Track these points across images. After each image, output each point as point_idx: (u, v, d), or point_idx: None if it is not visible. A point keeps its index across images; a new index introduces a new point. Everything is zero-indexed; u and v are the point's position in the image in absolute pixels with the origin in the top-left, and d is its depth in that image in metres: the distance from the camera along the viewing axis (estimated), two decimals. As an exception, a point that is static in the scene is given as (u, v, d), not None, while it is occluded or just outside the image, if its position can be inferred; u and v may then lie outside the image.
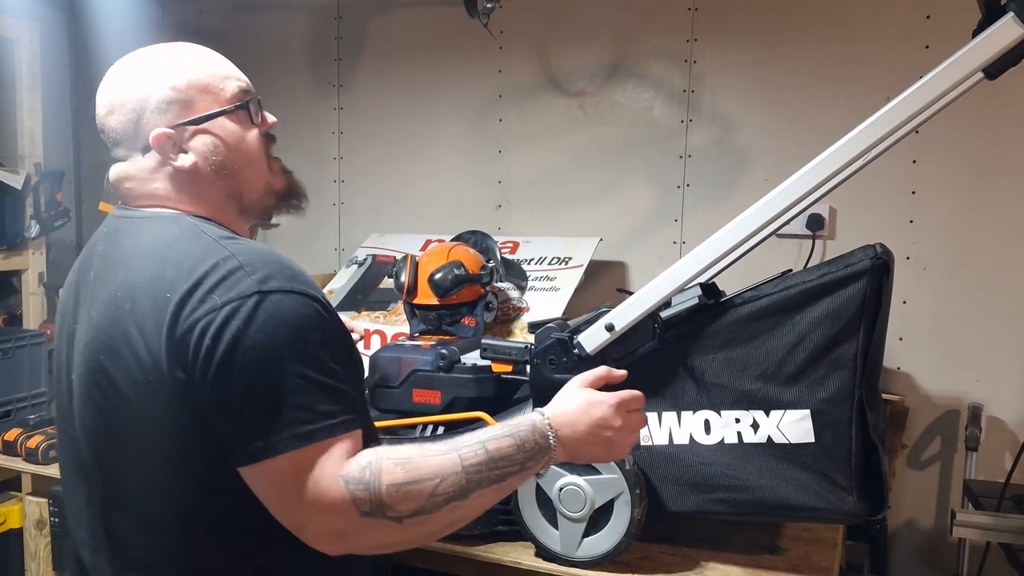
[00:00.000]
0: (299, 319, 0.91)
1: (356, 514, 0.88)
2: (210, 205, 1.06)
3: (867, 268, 1.28)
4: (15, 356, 2.41)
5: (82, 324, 1.01)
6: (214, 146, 1.04)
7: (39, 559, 2.01)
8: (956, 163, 2.11)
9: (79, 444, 1.02)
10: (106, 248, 1.04)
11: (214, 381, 0.89)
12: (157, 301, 0.91)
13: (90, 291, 1.01)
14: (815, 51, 2.21)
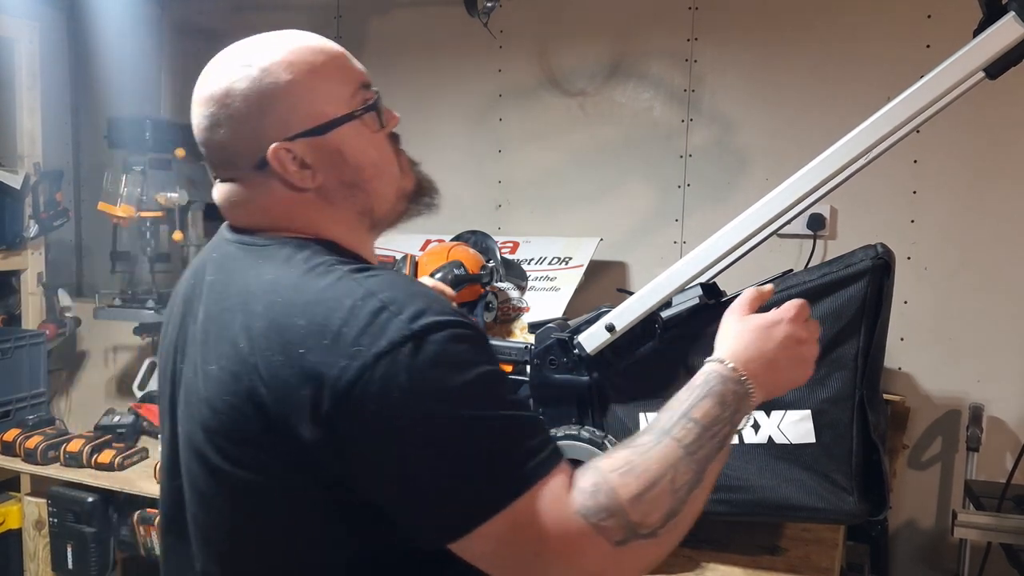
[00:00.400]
0: (465, 354, 0.76)
1: (609, 546, 0.73)
2: (338, 226, 0.89)
3: (868, 268, 1.28)
4: (14, 356, 2.40)
5: (193, 370, 0.86)
6: (342, 158, 0.88)
7: (38, 559, 2.01)
8: (957, 163, 2.10)
9: (181, 505, 0.90)
10: (217, 279, 0.88)
11: (381, 451, 0.73)
12: (289, 356, 0.75)
13: (200, 331, 0.87)
14: (816, 50, 2.21)
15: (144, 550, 1.87)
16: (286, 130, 0.85)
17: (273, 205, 0.88)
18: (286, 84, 0.86)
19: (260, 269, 0.84)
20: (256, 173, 0.87)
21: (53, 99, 2.92)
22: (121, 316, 2.48)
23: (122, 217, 2.34)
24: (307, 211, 0.88)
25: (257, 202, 0.88)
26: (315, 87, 0.87)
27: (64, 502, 1.93)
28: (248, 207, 0.89)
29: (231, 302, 0.83)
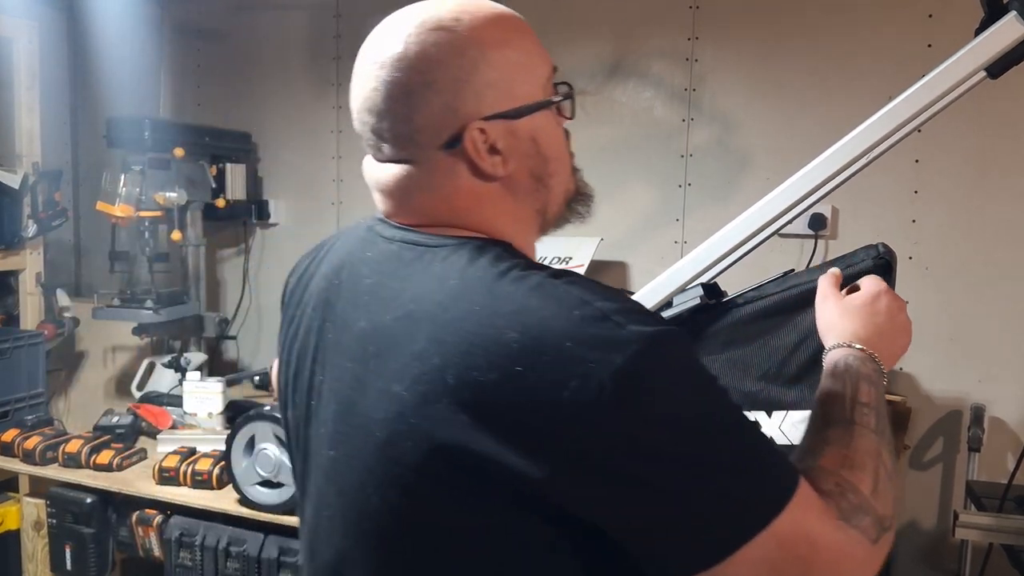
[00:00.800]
0: (698, 363, 0.68)
1: (869, 546, 0.69)
2: (515, 225, 0.80)
3: (869, 268, 1.27)
4: (12, 356, 2.40)
5: (351, 386, 0.75)
6: (535, 147, 0.78)
7: (36, 560, 2.01)
8: (959, 163, 2.10)
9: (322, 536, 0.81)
10: (378, 283, 0.77)
11: (629, 474, 0.64)
12: (502, 375, 0.64)
13: (358, 340, 0.75)
14: (817, 50, 2.20)
15: (143, 551, 1.87)
16: (482, 108, 0.74)
17: (454, 193, 0.76)
18: (491, 56, 0.75)
19: (439, 273, 0.73)
20: (441, 154, 0.75)
21: (52, 99, 2.92)
22: (120, 316, 2.48)
23: (121, 217, 2.33)
24: (489, 204, 0.77)
25: (438, 189, 0.76)
26: (518, 63, 0.77)
27: (63, 503, 1.92)
28: (425, 195, 0.77)
29: (404, 310, 0.72)
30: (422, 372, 0.68)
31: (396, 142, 0.76)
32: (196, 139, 2.59)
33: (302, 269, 0.92)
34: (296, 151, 2.89)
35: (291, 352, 0.86)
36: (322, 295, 0.83)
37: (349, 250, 0.84)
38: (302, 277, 0.90)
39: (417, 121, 0.74)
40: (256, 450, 1.68)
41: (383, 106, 0.75)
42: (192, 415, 2.10)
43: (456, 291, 0.70)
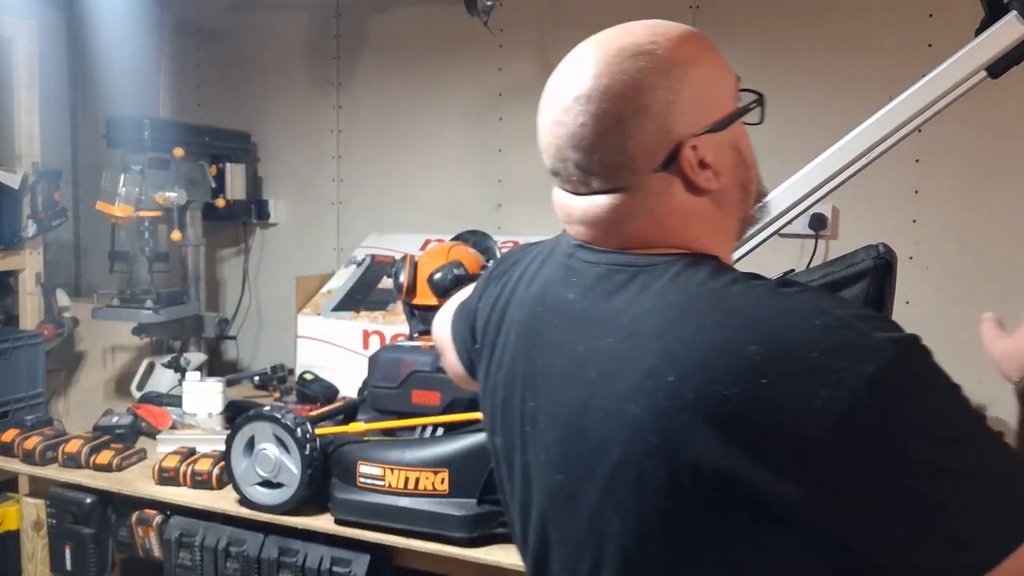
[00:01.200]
0: (938, 367, 0.69)
1: None
2: (721, 237, 0.80)
3: (869, 268, 1.27)
4: (12, 356, 2.40)
5: (570, 410, 0.76)
6: (740, 157, 0.80)
7: (36, 560, 2.00)
8: (959, 163, 2.10)
9: None
10: (593, 306, 0.77)
11: (893, 488, 0.62)
12: (745, 388, 0.64)
13: (578, 365, 0.76)
14: (817, 50, 2.20)
15: (142, 551, 1.87)
16: (691, 124, 0.75)
17: (671, 214, 0.76)
18: (691, 73, 0.76)
19: (658, 291, 0.72)
20: (655, 176, 0.75)
21: (52, 98, 2.92)
22: (119, 316, 2.48)
23: (120, 217, 2.33)
24: (699, 220, 0.77)
25: (653, 212, 0.76)
26: (714, 77, 0.78)
27: (62, 503, 1.92)
28: (641, 220, 0.77)
29: (627, 331, 0.72)
30: (656, 389, 0.68)
31: (608, 173, 0.76)
32: (196, 139, 2.59)
33: (494, 297, 0.92)
34: (296, 151, 2.89)
35: (497, 379, 0.87)
36: (526, 322, 0.84)
37: (548, 278, 0.84)
38: (496, 303, 0.91)
39: (631, 148, 0.74)
40: (256, 450, 1.68)
41: (594, 140, 0.75)
42: (192, 415, 2.10)
43: (682, 307, 0.70)
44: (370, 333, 2.30)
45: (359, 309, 2.40)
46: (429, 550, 1.47)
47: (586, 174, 0.77)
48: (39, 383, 2.49)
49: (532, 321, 0.83)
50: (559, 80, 0.79)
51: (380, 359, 1.74)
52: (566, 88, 0.77)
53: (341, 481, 1.61)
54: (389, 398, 1.67)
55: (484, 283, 0.98)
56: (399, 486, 1.54)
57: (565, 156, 0.77)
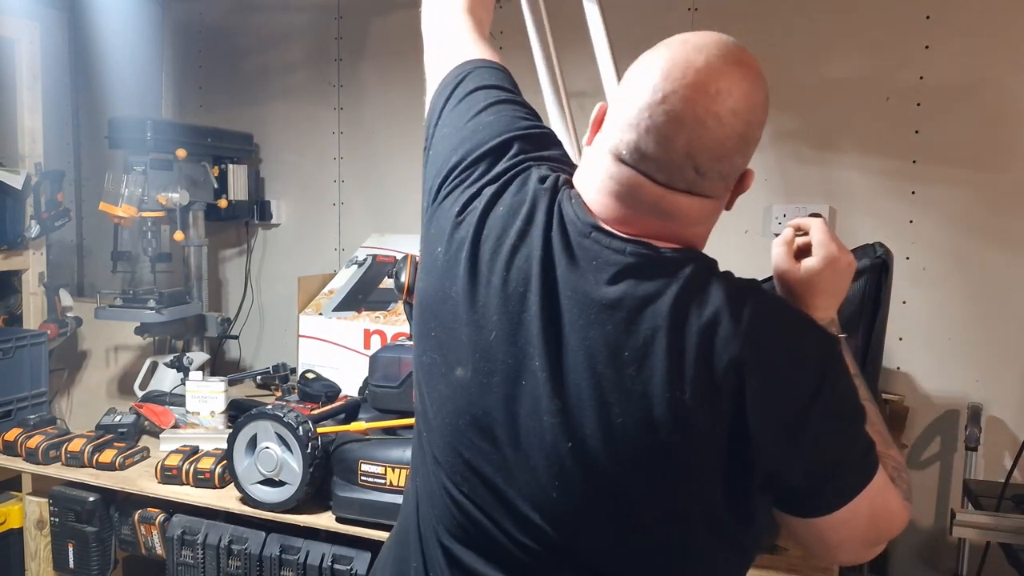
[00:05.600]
0: None
1: (906, 505, 0.89)
2: None
3: (866, 267, 1.28)
4: (15, 356, 2.41)
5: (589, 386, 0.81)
6: (744, 186, 0.91)
7: (39, 559, 2.01)
8: (956, 163, 2.10)
9: None
10: (627, 293, 0.82)
11: None
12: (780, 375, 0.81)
13: (604, 348, 0.81)
14: (815, 51, 2.21)
15: (145, 549, 1.88)
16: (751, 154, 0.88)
17: (712, 221, 0.89)
18: (767, 106, 0.87)
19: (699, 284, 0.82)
20: (725, 193, 0.88)
21: (54, 99, 2.93)
22: (122, 316, 2.49)
23: (123, 217, 2.34)
24: (711, 225, 0.90)
25: (712, 218, 0.88)
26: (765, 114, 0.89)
27: (65, 501, 1.93)
28: (706, 226, 0.88)
29: (663, 319, 0.80)
30: (697, 376, 0.78)
31: (716, 180, 0.85)
32: (198, 140, 2.61)
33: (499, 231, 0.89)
34: (298, 152, 2.90)
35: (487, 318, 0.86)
36: (540, 279, 0.84)
37: (562, 251, 0.85)
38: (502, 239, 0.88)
39: (740, 164, 0.87)
40: (258, 449, 1.69)
41: (727, 152, 0.84)
42: (194, 414, 2.11)
43: (712, 304, 0.80)
44: (371, 332, 2.32)
45: (360, 309, 2.41)
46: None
47: (699, 176, 0.83)
48: (42, 382, 2.50)
49: (547, 290, 0.84)
50: (706, 77, 0.81)
51: (381, 358, 1.75)
52: (719, 90, 0.81)
53: (342, 479, 1.63)
54: (390, 397, 1.68)
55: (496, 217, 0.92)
56: (400, 484, 1.55)
57: (690, 152, 0.81)
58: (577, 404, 0.81)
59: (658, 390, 0.78)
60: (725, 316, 0.79)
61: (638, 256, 0.83)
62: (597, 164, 0.87)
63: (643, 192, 0.84)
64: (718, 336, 0.78)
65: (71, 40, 3.12)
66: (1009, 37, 2.03)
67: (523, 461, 0.83)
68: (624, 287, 0.81)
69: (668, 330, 0.79)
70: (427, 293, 0.93)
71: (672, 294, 0.80)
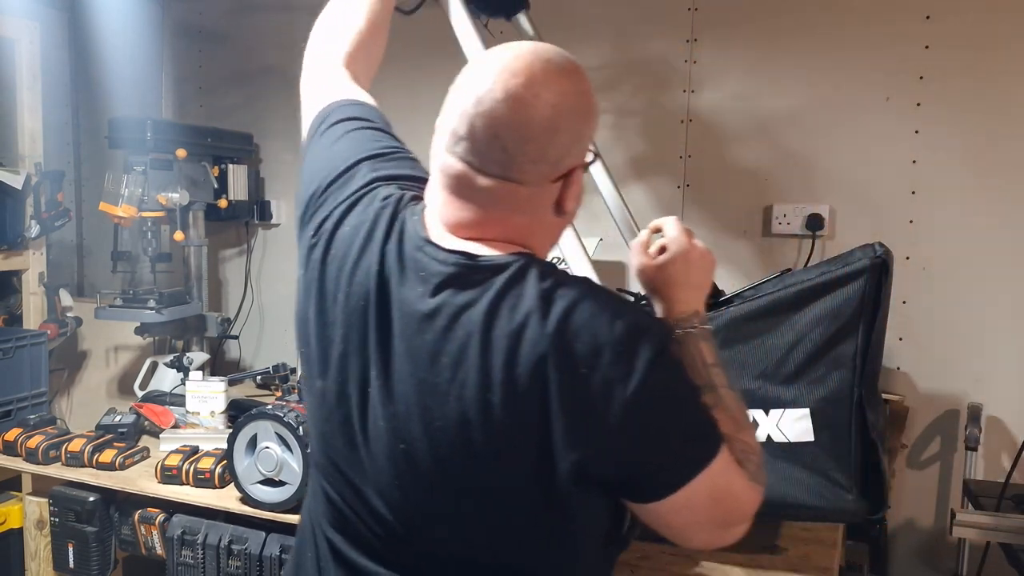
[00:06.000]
0: None
1: (760, 489, 0.92)
2: (549, 251, 1.00)
3: (866, 267, 1.28)
4: (15, 356, 2.41)
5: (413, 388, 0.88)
6: (580, 194, 0.95)
7: (39, 559, 2.01)
8: (956, 163, 2.11)
9: None
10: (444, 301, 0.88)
11: None
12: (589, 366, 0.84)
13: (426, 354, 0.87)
14: (815, 51, 2.21)
15: (145, 549, 1.88)
16: (580, 156, 0.91)
17: (539, 221, 0.91)
18: (595, 119, 0.93)
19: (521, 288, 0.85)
20: (549, 186, 0.89)
21: (54, 99, 2.93)
22: (122, 316, 2.49)
23: (123, 217, 2.34)
24: (549, 234, 0.94)
25: (535, 215, 0.90)
26: (597, 126, 0.94)
27: (65, 501, 1.93)
28: (521, 218, 0.90)
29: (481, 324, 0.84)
30: (508, 377, 0.81)
31: (526, 165, 0.87)
32: (198, 140, 2.60)
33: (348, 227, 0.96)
34: (298, 152, 2.89)
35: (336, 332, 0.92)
36: (369, 295, 0.90)
37: (396, 266, 0.90)
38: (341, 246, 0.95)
39: (551, 154, 0.87)
40: (258, 449, 1.69)
41: (533, 133, 0.85)
42: (194, 414, 2.11)
43: (524, 306, 0.83)
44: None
45: (360, 309, 2.41)
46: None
47: (508, 158, 0.86)
48: (42, 382, 2.50)
49: (381, 295, 0.90)
50: (513, 68, 0.86)
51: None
52: (524, 78, 0.85)
53: (342, 479, 1.62)
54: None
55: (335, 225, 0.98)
56: (400, 484, 1.55)
57: (497, 134, 0.85)
58: (405, 409, 0.87)
59: (471, 393, 0.83)
60: (535, 317, 0.82)
61: (459, 266, 0.87)
62: (434, 164, 0.93)
63: (464, 179, 0.88)
64: (526, 337, 0.82)
65: (71, 40, 3.12)
66: (1009, 37, 2.03)
67: (373, 462, 0.91)
68: (443, 297, 0.86)
69: (480, 335, 0.83)
70: (296, 314, 1.00)
71: (487, 301, 0.84)
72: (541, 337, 0.82)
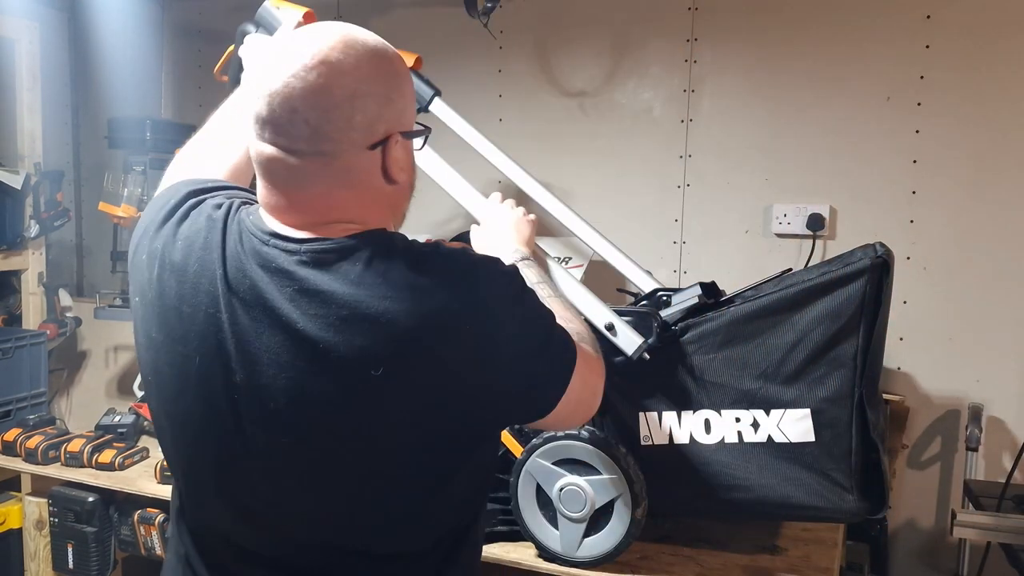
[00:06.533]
0: None
1: (601, 357, 1.06)
2: (393, 222, 1.03)
3: (867, 267, 1.28)
4: (15, 356, 2.41)
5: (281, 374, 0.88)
6: (413, 163, 1.01)
7: (39, 559, 2.01)
8: (956, 163, 2.10)
9: None
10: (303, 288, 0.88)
11: None
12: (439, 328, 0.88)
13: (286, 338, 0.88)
14: (815, 51, 2.21)
15: (144, 549, 1.87)
16: (398, 125, 0.90)
17: (366, 191, 0.90)
18: (405, 81, 0.93)
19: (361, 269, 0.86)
20: (366, 154, 0.88)
21: (53, 99, 2.93)
22: (122, 316, 2.49)
23: (123, 217, 2.34)
24: (384, 203, 0.93)
25: (356, 184, 0.89)
26: (411, 97, 0.94)
27: (65, 502, 1.93)
28: (344, 192, 0.89)
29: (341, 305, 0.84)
30: (388, 353, 0.83)
31: (333, 135, 0.86)
32: (197, 140, 2.60)
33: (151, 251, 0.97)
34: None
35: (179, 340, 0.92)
36: (216, 301, 0.89)
37: (240, 266, 0.89)
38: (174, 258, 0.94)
39: (358, 121, 0.87)
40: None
41: (331, 102, 0.85)
42: (193, 414, 2.10)
43: (392, 282, 0.85)
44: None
45: (360, 309, 2.41)
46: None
47: (313, 131, 0.85)
48: (41, 382, 2.50)
49: (233, 303, 0.88)
50: (302, 44, 0.88)
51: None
52: (313, 51, 0.87)
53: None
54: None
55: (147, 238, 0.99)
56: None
57: (295, 108, 0.85)
58: (274, 407, 0.86)
59: (344, 378, 0.84)
60: (392, 291, 0.84)
61: (309, 253, 0.87)
62: (252, 158, 0.92)
63: (278, 163, 0.88)
64: (388, 309, 0.83)
65: (71, 40, 3.12)
66: (1010, 37, 2.03)
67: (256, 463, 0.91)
68: (297, 285, 0.86)
69: (335, 316, 0.83)
70: (137, 344, 0.99)
71: (341, 284, 0.84)
72: (401, 310, 0.83)
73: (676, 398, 1.36)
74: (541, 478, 1.38)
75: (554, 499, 1.37)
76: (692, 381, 1.34)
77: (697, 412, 1.35)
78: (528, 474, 1.39)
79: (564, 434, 1.36)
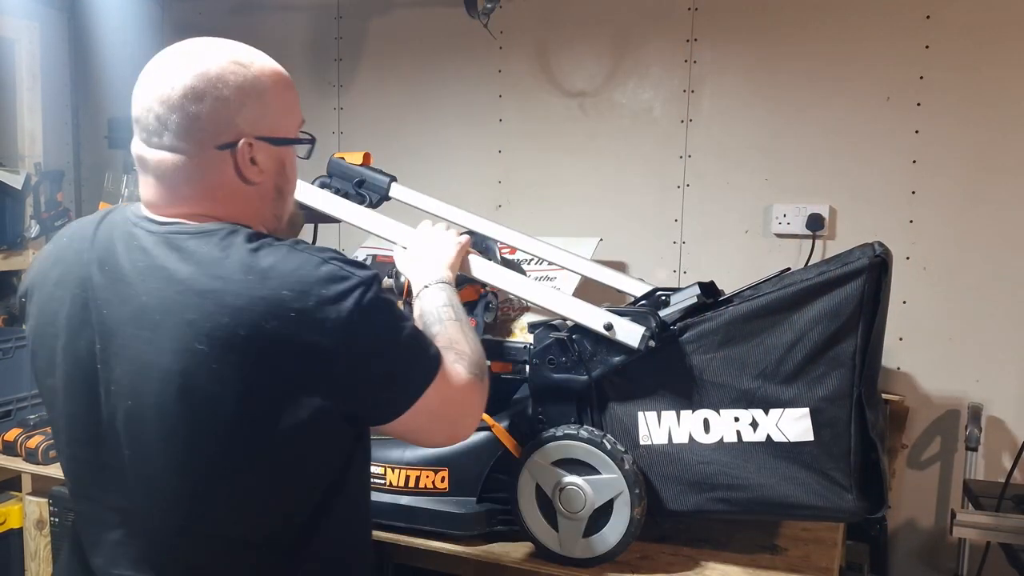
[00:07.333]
0: None
1: (480, 383, 1.07)
2: (257, 219, 1.07)
3: (865, 266, 1.28)
4: (15, 356, 2.41)
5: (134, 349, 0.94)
6: (283, 169, 1.06)
7: (39, 559, 2.01)
8: (956, 163, 2.11)
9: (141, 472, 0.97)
10: (154, 265, 0.96)
11: None
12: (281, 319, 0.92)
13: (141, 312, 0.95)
14: (815, 51, 2.21)
15: (145, 549, 1.87)
16: (253, 129, 0.98)
17: (218, 187, 0.98)
18: (270, 92, 0.99)
19: (209, 252, 0.92)
20: (215, 153, 0.96)
21: (54, 99, 2.93)
22: (122, 316, 2.48)
23: (123, 217, 2.34)
24: (242, 201, 1.00)
25: (205, 181, 0.97)
26: (285, 105, 1.02)
27: (65, 502, 1.93)
28: (196, 185, 0.97)
29: (185, 284, 0.91)
30: (214, 329, 0.88)
31: (179, 132, 0.95)
32: (197, 140, 2.60)
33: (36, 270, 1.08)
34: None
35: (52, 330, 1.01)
36: (85, 282, 0.98)
37: (109, 242, 0.99)
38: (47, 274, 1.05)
39: (203, 121, 0.94)
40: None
41: (176, 102, 0.94)
42: (193, 414, 2.11)
43: (229, 264, 0.90)
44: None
45: (360, 309, 2.41)
46: (429, 548, 1.48)
47: (164, 127, 0.94)
48: (42, 383, 2.49)
49: (94, 280, 0.97)
50: (172, 51, 0.97)
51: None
52: (177, 58, 0.96)
53: (342, 479, 1.62)
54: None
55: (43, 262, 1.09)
56: (400, 484, 1.54)
57: (150, 107, 0.95)
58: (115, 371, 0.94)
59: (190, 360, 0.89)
60: (241, 274, 0.89)
61: (167, 234, 0.95)
62: None
63: (144, 158, 0.97)
64: (204, 286, 0.89)
65: (71, 40, 3.12)
66: (1010, 37, 2.03)
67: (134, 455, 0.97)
68: (148, 261, 0.94)
69: (172, 291, 0.90)
70: (31, 350, 1.10)
71: (180, 260, 0.92)
72: (230, 291, 0.88)
73: (675, 398, 1.36)
74: (540, 478, 1.38)
75: (553, 499, 1.37)
76: (691, 381, 1.34)
77: (696, 412, 1.35)
78: (527, 474, 1.39)
79: (563, 434, 1.36)
